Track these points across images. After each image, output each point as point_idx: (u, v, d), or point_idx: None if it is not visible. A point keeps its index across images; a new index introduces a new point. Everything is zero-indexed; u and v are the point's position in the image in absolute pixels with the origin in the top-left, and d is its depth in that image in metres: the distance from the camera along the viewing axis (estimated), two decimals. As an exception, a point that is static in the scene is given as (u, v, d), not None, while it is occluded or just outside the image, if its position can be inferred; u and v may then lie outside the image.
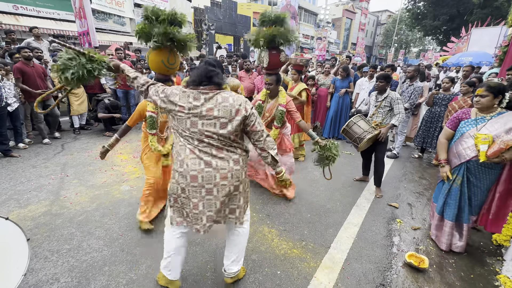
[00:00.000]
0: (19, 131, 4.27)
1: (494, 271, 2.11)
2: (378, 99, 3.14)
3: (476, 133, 2.02)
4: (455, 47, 12.83)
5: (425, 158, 4.67)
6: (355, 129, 2.98)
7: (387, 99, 3.04)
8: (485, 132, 1.99)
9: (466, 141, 2.08)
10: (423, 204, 3.12)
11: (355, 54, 20.86)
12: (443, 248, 2.30)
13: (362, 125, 2.97)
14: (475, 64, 7.55)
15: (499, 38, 9.33)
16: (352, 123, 3.00)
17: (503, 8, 15.85)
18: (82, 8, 6.02)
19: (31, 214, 2.59)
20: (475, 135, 2.02)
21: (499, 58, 3.99)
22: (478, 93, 2.06)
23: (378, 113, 3.11)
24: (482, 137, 1.96)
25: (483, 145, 1.95)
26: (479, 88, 2.07)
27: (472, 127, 2.08)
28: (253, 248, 2.22)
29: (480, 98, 2.05)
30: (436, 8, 20.14)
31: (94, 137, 5.09)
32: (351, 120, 3.02)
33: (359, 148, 3.04)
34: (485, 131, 2.00)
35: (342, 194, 3.26)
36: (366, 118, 3.09)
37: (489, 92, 2.01)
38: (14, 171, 3.50)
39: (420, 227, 2.65)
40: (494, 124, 2.00)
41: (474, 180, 2.10)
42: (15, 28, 9.25)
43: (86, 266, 1.97)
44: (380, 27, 44.76)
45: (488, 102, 2.02)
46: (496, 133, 1.95)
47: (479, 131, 2.03)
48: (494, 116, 2.04)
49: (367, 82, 5.16)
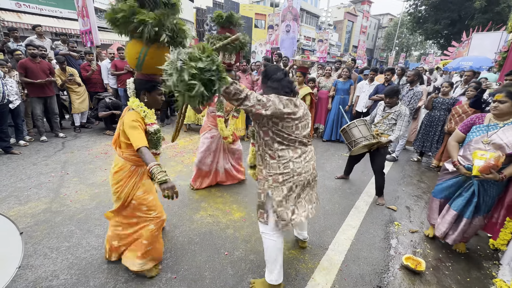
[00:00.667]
0: (20, 128, 4.29)
1: (490, 275, 2.12)
2: (386, 110, 3.10)
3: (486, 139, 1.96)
4: (455, 52, 12.87)
5: (424, 162, 4.68)
6: (355, 132, 2.96)
7: (396, 112, 3.00)
8: (497, 140, 1.92)
9: (474, 146, 2.03)
10: (421, 208, 3.14)
11: (356, 57, 20.91)
12: (438, 235, 2.31)
13: (363, 130, 2.94)
14: (475, 69, 7.58)
15: (500, 43, 9.36)
16: (354, 125, 2.97)
17: (504, 13, 15.91)
18: (85, 7, 6.04)
19: (31, 211, 2.61)
20: (484, 142, 1.96)
21: (499, 64, 4.01)
22: (497, 99, 1.95)
23: (383, 123, 3.09)
24: (479, 153, 1.92)
25: (479, 160, 1.90)
26: (498, 94, 1.95)
27: (482, 133, 2.02)
28: (252, 249, 2.24)
29: (498, 104, 1.94)
30: (437, 13, 20.20)
31: (95, 136, 5.10)
32: (353, 122, 2.99)
33: (352, 152, 3.03)
34: (496, 138, 1.93)
35: (341, 196, 3.27)
36: (370, 125, 3.06)
37: (509, 98, 1.90)
38: (14, 168, 3.52)
39: (417, 230, 2.67)
40: (507, 131, 1.91)
41: (484, 183, 2.07)
42: (17, 26, 9.28)
43: (85, 263, 1.98)
44: (381, 30, 44.86)
45: (507, 109, 1.91)
46: (507, 141, 1.88)
47: (489, 137, 1.96)
48: (508, 123, 1.94)
49: (367, 85, 5.18)
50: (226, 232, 2.45)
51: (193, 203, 2.92)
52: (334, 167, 4.19)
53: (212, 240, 2.32)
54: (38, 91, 4.38)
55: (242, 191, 3.27)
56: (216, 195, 3.13)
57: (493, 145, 1.94)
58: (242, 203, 2.99)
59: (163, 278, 1.89)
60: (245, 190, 3.30)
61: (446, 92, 4.15)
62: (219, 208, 2.85)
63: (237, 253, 2.18)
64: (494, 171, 1.85)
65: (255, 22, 23.07)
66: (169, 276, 1.91)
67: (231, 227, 2.52)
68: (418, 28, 23.12)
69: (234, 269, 2.01)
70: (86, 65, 5.40)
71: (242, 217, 2.71)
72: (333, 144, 5.42)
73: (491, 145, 1.95)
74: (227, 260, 2.10)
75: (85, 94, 5.27)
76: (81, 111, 5.25)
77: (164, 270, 1.97)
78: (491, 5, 16.68)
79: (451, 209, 2.23)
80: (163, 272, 1.95)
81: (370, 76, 5.19)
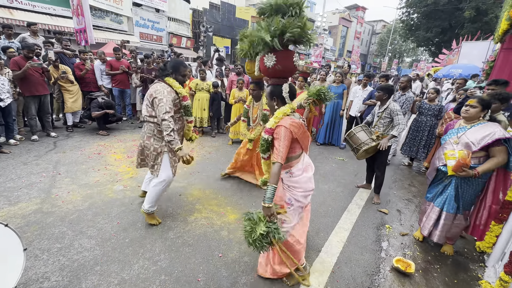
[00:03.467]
0: (10, 127, 4.20)
1: (476, 277, 2.19)
2: (379, 110, 3.22)
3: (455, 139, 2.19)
4: (446, 59, 13.25)
5: (415, 166, 4.79)
6: (354, 139, 3.12)
7: (387, 110, 3.11)
8: (464, 140, 2.14)
9: (446, 148, 2.24)
10: (412, 211, 3.21)
11: (351, 62, 21.25)
12: (424, 234, 2.45)
13: (361, 136, 3.08)
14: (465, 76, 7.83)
15: (488, 52, 9.70)
16: (352, 134, 3.14)
17: (492, 23, 16.48)
18: (80, 6, 5.99)
19: (21, 212, 2.56)
20: (454, 143, 2.18)
21: (486, 73, 4.16)
22: (470, 103, 2.18)
23: (379, 124, 3.19)
24: (449, 153, 2.12)
25: (450, 160, 2.09)
26: (472, 99, 2.20)
27: (454, 135, 2.25)
28: (245, 251, 2.25)
29: (470, 108, 2.17)
30: (429, 21, 20.79)
31: (87, 136, 5.04)
32: (351, 131, 3.16)
33: (357, 157, 3.16)
34: (464, 138, 2.14)
35: (334, 199, 3.32)
36: (368, 129, 3.18)
37: (479, 104, 2.13)
38: (4, 167, 3.44)
39: (408, 233, 2.73)
40: (475, 132, 2.11)
41: (461, 180, 2.21)
42: (8, 22, 9.09)
43: (77, 265, 1.96)
44: (375, 36, 45.75)
45: (475, 113, 2.15)
46: (473, 139, 2.09)
47: (458, 138, 2.18)
48: (474, 125, 2.16)
49: (361, 90, 5.29)
50: (221, 234, 2.46)
51: (187, 205, 2.91)
52: (327, 170, 4.25)
53: (206, 242, 2.33)
54: (33, 89, 4.30)
55: (237, 193, 3.28)
56: (210, 197, 3.13)
57: (461, 145, 2.15)
58: (237, 205, 3.00)
59: (157, 280, 1.89)
60: (239, 192, 3.31)
61: (432, 99, 4.28)
62: (214, 210, 2.85)
63: (231, 255, 2.19)
64: (466, 168, 2.02)
65: (251, 24, 23.16)
66: (163, 278, 1.91)
67: (226, 229, 2.53)
68: (411, 35, 23.73)
69: (228, 271, 2.02)
70: (80, 64, 5.33)
71: (237, 219, 2.72)
72: (327, 147, 5.50)
73: (460, 144, 2.16)
74: (221, 262, 2.11)
75: (78, 93, 5.20)
76: (73, 111, 5.17)
77: (158, 272, 1.97)
78: (480, 15, 17.28)
79: (434, 206, 2.38)
80: (157, 274, 1.94)
81: (364, 82, 5.30)
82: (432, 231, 2.41)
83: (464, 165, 1.99)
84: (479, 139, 2.06)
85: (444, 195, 2.31)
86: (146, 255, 2.11)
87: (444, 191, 2.33)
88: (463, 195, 2.23)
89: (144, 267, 1.99)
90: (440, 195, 2.35)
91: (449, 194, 2.26)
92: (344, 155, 5.04)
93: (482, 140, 2.05)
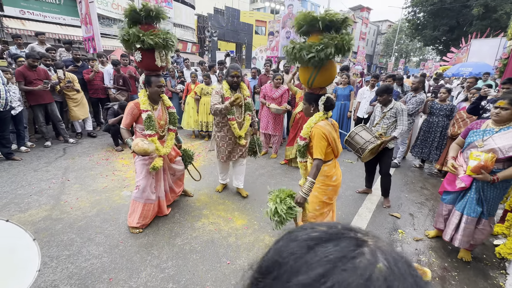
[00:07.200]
0: (21, 134, 4.29)
1: (497, 285, 2.08)
2: (383, 110, 3.16)
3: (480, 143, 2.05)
4: (454, 57, 12.97)
5: (426, 168, 4.66)
6: (357, 139, 2.97)
7: (393, 109, 3.05)
8: (491, 144, 1.99)
9: (472, 150, 2.11)
10: (425, 215, 3.10)
11: (356, 63, 21.08)
12: (446, 239, 2.32)
13: (364, 135, 2.94)
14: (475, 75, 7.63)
15: (498, 49, 9.45)
16: (354, 134, 2.98)
17: (502, 20, 16.10)
18: (88, 14, 6.13)
19: (31, 218, 2.58)
20: (479, 146, 2.05)
21: (500, 70, 4.03)
22: (500, 105, 1.99)
23: (382, 123, 3.12)
24: (475, 154, 2.02)
25: (473, 161, 1.99)
26: (501, 100, 2.00)
27: (479, 137, 2.10)
28: (254, 258, 2.20)
29: (500, 111, 2.00)
30: (436, 19, 20.45)
31: (96, 142, 5.10)
32: (352, 131, 2.99)
33: (363, 158, 3.03)
34: (491, 142, 2.00)
35: (343, 204, 3.24)
36: (369, 128, 3.08)
37: (511, 105, 1.95)
38: (15, 174, 3.51)
39: (422, 238, 2.63)
40: (503, 138, 1.96)
41: (485, 186, 2.10)
42: (21, 33, 9.39)
43: (85, 273, 1.95)
44: (380, 36, 45.31)
45: (508, 115, 1.97)
46: (501, 145, 1.95)
47: (484, 141, 2.04)
48: (503, 129, 2.00)
49: (369, 91, 5.20)
50: (228, 240, 2.42)
51: (194, 211, 2.89)
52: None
53: (214, 249, 2.29)
54: (38, 98, 4.37)
55: (244, 197, 3.24)
56: (218, 202, 3.10)
57: (487, 149, 2.02)
58: (244, 210, 2.96)
59: (165, 288, 1.86)
60: (248, 197, 3.27)
61: (443, 98, 4.16)
62: (221, 216, 2.82)
63: (239, 262, 2.15)
64: (486, 172, 1.92)
65: (255, 28, 23.32)
66: (171, 286, 1.88)
67: (233, 235, 2.49)
68: (417, 35, 23.37)
69: (236, 279, 1.98)
70: (89, 71, 5.42)
71: (244, 224, 2.68)
72: (334, 150, 5.40)
73: (485, 149, 2.03)
74: (229, 270, 2.07)
75: (82, 100, 5.13)
76: (80, 119, 5.14)
77: (165, 279, 1.94)
78: (489, 12, 16.90)
79: (456, 210, 2.26)
80: (165, 282, 1.91)
81: (371, 83, 5.21)
82: (453, 236, 2.29)
83: (485, 168, 1.90)
84: (508, 147, 1.91)
85: (465, 198, 2.20)
86: (154, 262, 2.09)
87: (466, 194, 2.22)
88: (486, 199, 2.11)
89: (151, 274, 1.97)
90: (462, 199, 2.24)
91: (470, 197, 2.15)
92: (353, 157, 4.94)
93: (511, 149, 1.91)
